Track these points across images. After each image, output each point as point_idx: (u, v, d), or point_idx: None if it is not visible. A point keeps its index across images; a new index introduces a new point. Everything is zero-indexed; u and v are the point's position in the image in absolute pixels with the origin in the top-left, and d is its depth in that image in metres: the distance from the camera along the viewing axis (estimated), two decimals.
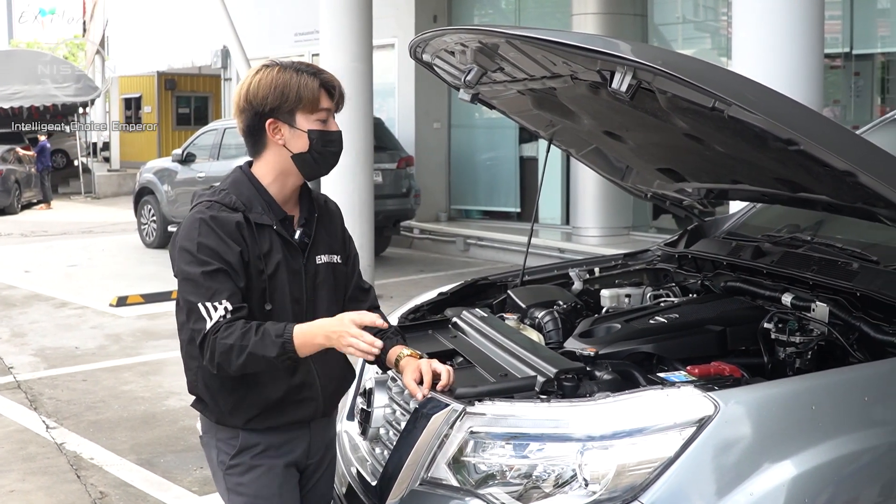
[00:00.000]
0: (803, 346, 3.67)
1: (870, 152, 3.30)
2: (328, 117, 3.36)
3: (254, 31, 21.04)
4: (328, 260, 3.48)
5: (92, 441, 7.28)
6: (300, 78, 3.31)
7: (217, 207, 3.25)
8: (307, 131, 3.31)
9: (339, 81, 3.43)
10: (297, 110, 3.29)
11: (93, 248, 18.32)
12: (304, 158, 3.33)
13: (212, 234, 3.19)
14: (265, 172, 3.37)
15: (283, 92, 3.28)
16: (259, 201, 3.32)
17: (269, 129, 3.31)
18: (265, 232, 3.29)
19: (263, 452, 3.38)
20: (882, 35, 14.18)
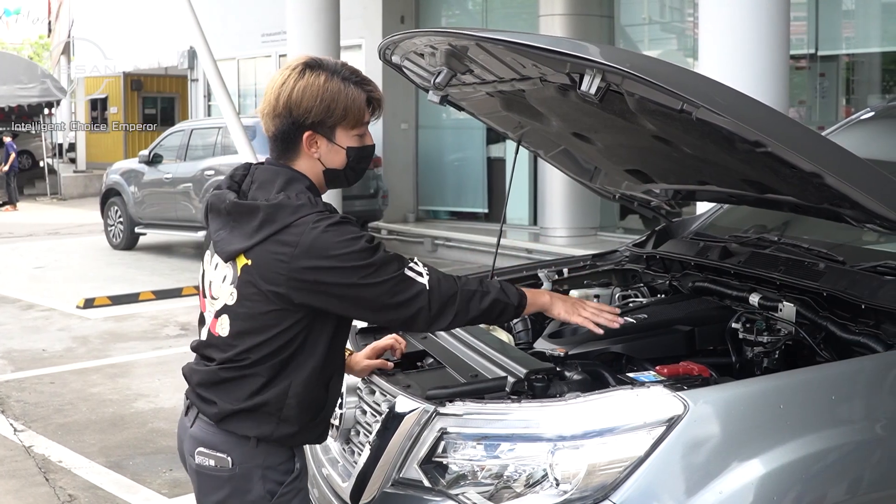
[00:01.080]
0: (771, 346, 3.70)
1: (835, 154, 3.33)
2: (366, 132, 3.17)
3: (221, 32, 20.99)
4: None
5: (60, 444, 7.25)
6: (348, 90, 3.06)
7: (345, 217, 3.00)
8: (346, 148, 3.11)
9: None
10: (339, 125, 3.07)
11: (59, 250, 18.22)
12: (336, 174, 3.15)
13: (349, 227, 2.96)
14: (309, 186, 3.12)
15: (329, 106, 3.03)
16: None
17: (307, 141, 3.07)
18: None
19: (302, 474, 3.20)
20: (847, 36, 14.28)
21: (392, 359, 3.78)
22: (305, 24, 12.55)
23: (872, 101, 13.32)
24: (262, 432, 3.06)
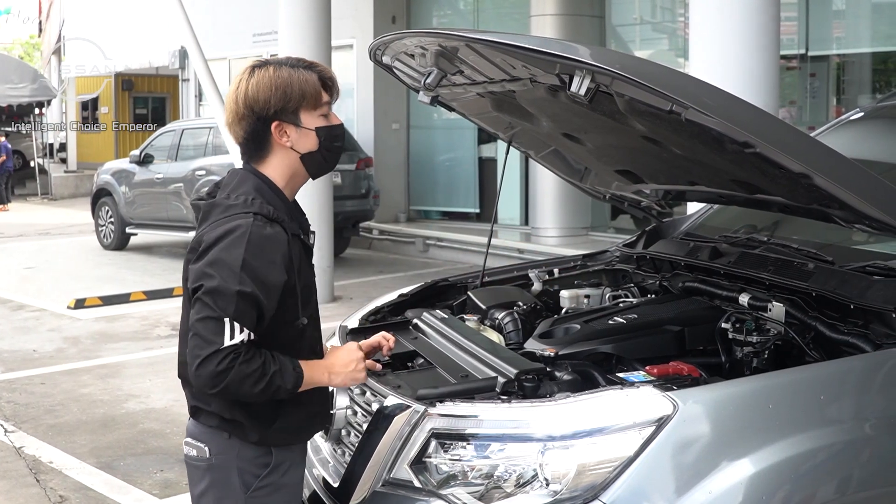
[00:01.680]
0: (760, 346, 3.71)
1: (824, 155, 3.34)
2: (329, 111, 3.22)
3: (212, 32, 20.95)
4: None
5: (51, 445, 7.23)
6: (298, 74, 3.14)
7: (262, 221, 3.04)
8: (315, 129, 3.17)
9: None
10: (301, 109, 3.14)
11: (50, 250, 18.18)
12: (313, 157, 3.21)
13: (260, 255, 2.99)
14: (276, 177, 3.20)
15: (285, 92, 3.11)
16: (283, 209, 3.16)
17: (276, 132, 3.14)
18: (296, 242, 3.15)
19: (290, 469, 3.25)
20: (837, 36, 14.30)
21: (382, 359, 3.79)
22: (297, 24, 12.53)
23: (863, 102, 13.35)
24: (236, 431, 3.14)
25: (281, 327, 3.10)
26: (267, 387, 2.97)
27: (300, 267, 3.13)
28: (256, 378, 2.95)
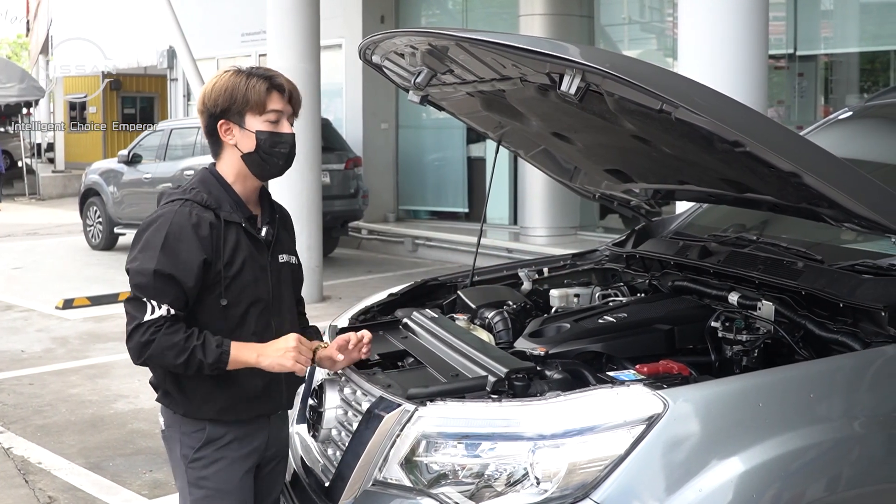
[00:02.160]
0: (750, 345, 3.72)
1: (814, 154, 3.35)
2: (279, 119, 3.47)
3: (200, 32, 20.95)
4: (288, 259, 3.64)
5: (39, 445, 7.22)
6: (249, 81, 3.42)
7: (191, 206, 3.37)
8: (255, 132, 3.43)
9: (296, 86, 3.55)
10: (246, 112, 3.42)
11: (38, 251, 18.14)
12: (252, 158, 3.46)
13: (181, 236, 3.31)
14: (226, 172, 3.50)
15: (231, 94, 3.41)
16: (227, 200, 3.45)
17: (221, 129, 3.46)
18: (233, 229, 3.41)
19: (228, 445, 3.47)
20: (825, 36, 14.33)
21: (373, 359, 3.81)
22: (285, 23, 12.53)
23: (851, 101, 13.38)
24: (168, 402, 3.51)
25: (206, 305, 3.38)
26: (188, 360, 3.26)
27: (233, 252, 3.39)
28: (178, 350, 3.25)
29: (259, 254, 3.48)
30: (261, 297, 3.48)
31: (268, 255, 3.52)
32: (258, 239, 3.50)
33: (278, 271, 3.57)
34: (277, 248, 3.59)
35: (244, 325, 3.44)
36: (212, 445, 3.46)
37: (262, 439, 3.57)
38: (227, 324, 3.40)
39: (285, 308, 3.59)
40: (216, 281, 3.37)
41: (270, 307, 3.51)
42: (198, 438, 3.46)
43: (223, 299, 3.38)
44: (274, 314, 3.52)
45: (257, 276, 3.46)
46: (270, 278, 3.52)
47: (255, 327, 3.45)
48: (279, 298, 3.56)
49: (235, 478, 3.49)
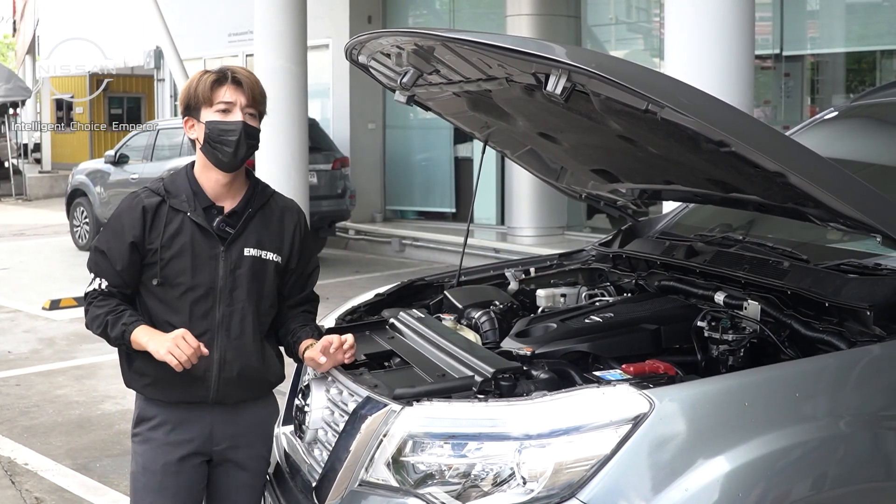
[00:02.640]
0: (736, 344, 3.72)
1: (799, 153, 3.36)
2: (230, 109, 3.63)
3: (187, 32, 20.93)
4: (258, 254, 3.69)
5: (26, 446, 7.21)
6: (202, 77, 3.67)
7: (142, 192, 3.70)
8: (205, 122, 3.63)
9: (253, 79, 3.71)
10: (201, 106, 3.64)
11: (24, 251, 18.09)
12: (206, 149, 3.66)
13: (118, 220, 3.67)
14: (197, 166, 3.74)
15: (188, 92, 3.67)
16: (187, 190, 3.68)
17: (186, 126, 3.72)
18: (179, 217, 3.63)
19: (157, 427, 3.70)
20: (812, 36, 14.37)
21: (359, 359, 3.82)
22: (272, 24, 12.52)
23: (837, 101, 13.41)
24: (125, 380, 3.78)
25: (144, 283, 3.66)
26: (102, 332, 3.63)
27: (173, 237, 3.61)
28: (99, 322, 3.63)
29: (207, 242, 3.63)
30: (200, 284, 3.62)
31: (220, 246, 3.64)
32: (206, 229, 3.64)
33: (235, 263, 3.65)
34: (242, 241, 3.67)
35: (180, 309, 3.63)
36: (144, 424, 3.72)
37: (198, 431, 3.69)
38: (164, 305, 3.64)
39: (242, 299, 3.66)
40: (153, 261, 3.61)
41: (216, 295, 3.64)
42: (136, 416, 3.76)
43: (156, 279, 3.61)
44: (221, 302, 3.64)
45: (199, 264, 3.62)
46: (221, 268, 3.64)
47: (193, 313, 3.62)
48: (231, 289, 3.65)
49: (159, 462, 3.67)
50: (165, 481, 3.67)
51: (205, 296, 3.62)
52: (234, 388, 3.68)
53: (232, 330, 3.65)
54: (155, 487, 3.68)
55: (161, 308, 3.64)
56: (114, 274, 3.63)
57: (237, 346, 3.65)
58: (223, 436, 3.72)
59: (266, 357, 3.76)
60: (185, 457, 3.68)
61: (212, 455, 3.73)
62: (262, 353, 3.74)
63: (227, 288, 3.64)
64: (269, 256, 3.72)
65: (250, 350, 3.68)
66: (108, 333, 3.61)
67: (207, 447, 3.71)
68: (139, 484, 3.73)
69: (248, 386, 3.73)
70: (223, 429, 3.72)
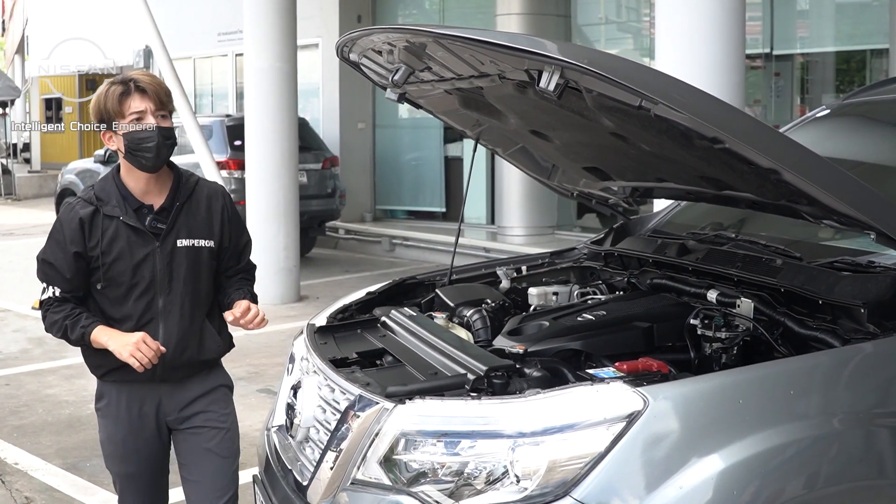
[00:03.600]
0: (729, 342, 3.71)
1: (793, 150, 3.35)
2: (142, 117, 3.85)
3: (177, 31, 20.86)
4: (190, 244, 3.96)
5: (16, 446, 7.19)
6: (108, 90, 3.86)
7: (76, 203, 3.93)
8: (122, 135, 3.85)
9: (156, 81, 3.95)
10: (114, 119, 3.85)
11: (14, 251, 18.04)
12: (128, 158, 3.88)
13: (59, 231, 3.91)
14: (123, 170, 3.96)
15: (98, 107, 3.88)
16: (116, 195, 3.90)
17: (104, 138, 3.94)
18: (112, 222, 3.87)
19: (114, 404, 4.06)
20: (801, 36, 14.39)
21: (351, 357, 3.88)
22: (262, 23, 12.50)
23: (827, 101, 13.43)
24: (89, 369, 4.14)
25: (91, 287, 3.93)
26: (63, 335, 3.91)
27: (111, 242, 3.85)
28: (58, 327, 3.91)
29: (142, 241, 3.89)
30: (142, 279, 3.90)
31: (155, 242, 3.90)
32: (141, 229, 3.89)
33: (170, 255, 3.92)
34: (174, 235, 3.93)
35: (125, 303, 3.91)
36: (103, 400, 4.10)
37: (150, 405, 4.06)
38: (110, 302, 3.93)
39: (180, 288, 3.94)
40: (97, 266, 3.87)
41: (156, 287, 3.92)
42: (97, 393, 4.15)
43: (100, 283, 3.90)
44: (161, 293, 3.92)
45: (139, 261, 3.88)
46: (158, 262, 3.90)
47: (136, 305, 3.91)
48: (170, 279, 3.93)
49: (120, 434, 4.06)
50: (127, 450, 4.09)
51: (146, 290, 3.92)
52: (176, 369, 4.01)
53: (172, 316, 3.95)
54: (119, 455, 4.12)
55: (108, 304, 3.93)
56: (64, 281, 3.90)
57: (178, 331, 3.96)
58: (172, 407, 4.09)
59: (204, 339, 4.07)
60: (140, 427, 4.07)
61: (167, 424, 4.12)
62: (201, 336, 4.05)
63: (166, 279, 3.93)
64: (201, 244, 3.99)
65: (189, 334, 4.00)
66: (69, 336, 3.90)
67: (161, 417, 4.09)
68: (106, 451, 4.17)
69: (188, 366, 4.05)
70: (170, 401, 4.08)
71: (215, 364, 4.20)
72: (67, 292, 3.91)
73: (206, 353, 4.09)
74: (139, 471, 4.15)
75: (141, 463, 4.13)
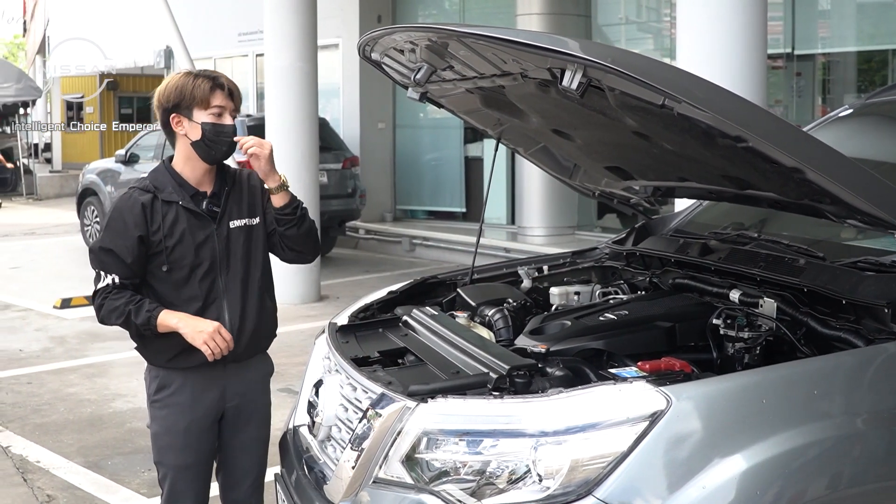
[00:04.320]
0: (752, 342, 3.70)
1: (816, 149, 3.34)
2: (222, 113, 4.09)
3: (197, 31, 20.90)
4: (241, 224, 4.19)
5: (38, 444, 7.21)
6: (196, 81, 4.06)
7: (133, 192, 4.11)
8: (201, 123, 4.05)
9: (236, 85, 4.19)
10: (193, 106, 4.06)
11: (35, 250, 18.13)
12: (199, 145, 4.08)
13: (118, 219, 4.06)
14: (177, 159, 4.18)
15: (181, 91, 4.06)
16: (171, 183, 4.12)
17: (173, 121, 4.11)
18: (172, 207, 4.07)
19: (178, 393, 4.15)
20: (823, 36, 14.33)
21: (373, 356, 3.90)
22: (282, 23, 12.51)
23: (848, 101, 13.35)
24: (139, 351, 4.26)
25: (151, 271, 4.08)
26: (126, 321, 4.01)
27: (172, 226, 4.05)
28: (119, 313, 4.01)
29: (201, 224, 4.10)
30: (203, 260, 4.09)
31: (213, 224, 4.12)
32: (198, 212, 4.11)
33: (227, 236, 4.14)
34: (227, 217, 4.16)
35: (189, 285, 4.08)
36: (164, 391, 4.17)
37: (216, 391, 4.18)
38: (172, 285, 4.08)
39: (238, 266, 4.15)
40: (159, 251, 4.04)
41: (217, 268, 4.12)
42: (155, 383, 4.20)
43: (165, 266, 4.05)
44: (221, 273, 4.12)
45: (200, 243, 4.09)
46: (217, 243, 4.12)
47: (201, 286, 4.09)
48: (228, 260, 4.13)
49: (183, 423, 4.15)
50: (188, 440, 4.16)
51: (208, 271, 4.10)
52: (243, 345, 4.15)
53: (233, 295, 4.14)
54: (179, 446, 4.18)
55: (170, 289, 4.07)
56: (124, 268, 4.02)
57: (239, 308, 4.14)
58: (234, 392, 4.21)
59: (263, 316, 4.25)
60: (202, 416, 4.17)
61: (224, 411, 4.22)
62: (260, 313, 4.22)
63: (225, 260, 4.13)
64: (252, 222, 4.22)
65: (250, 311, 4.18)
66: (132, 321, 3.98)
67: (221, 405, 4.20)
68: (162, 443, 4.22)
69: (254, 341, 4.21)
70: (233, 386, 4.20)
71: (268, 345, 4.37)
72: (126, 279, 4.03)
73: (266, 329, 4.29)
74: (196, 461, 4.22)
75: (199, 453, 4.22)
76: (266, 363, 4.41)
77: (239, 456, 4.33)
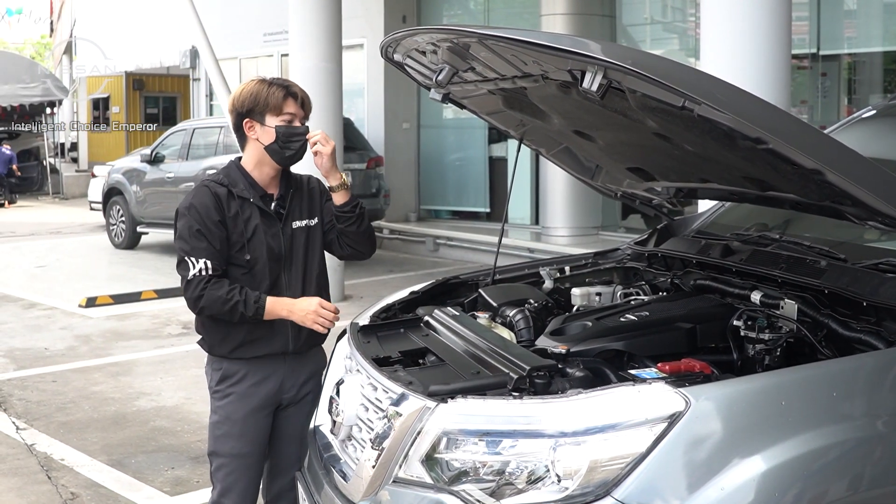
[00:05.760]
0: (772, 343, 3.69)
1: (838, 151, 3.33)
2: (293, 120, 4.28)
3: (222, 32, 20.97)
4: (302, 224, 4.39)
5: (62, 442, 7.26)
6: (270, 89, 4.26)
7: (209, 184, 4.27)
8: (274, 127, 4.24)
9: (307, 94, 4.38)
10: (266, 112, 4.25)
11: (61, 249, 18.22)
12: (272, 149, 4.27)
13: (195, 211, 4.18)
14: (247, 161, 4.35)
15: (255, 98, 4.26)
16: (243, 181, 4.30)
17: (246, 126, 4.30)
18: (246, 203, 4.26)
19: (239, 382, 4.31)
20: (848, 36, 14.28)
21: (394, 357, 3.89)
22: (307, 23, 12.53)
23: (874, 101, 13.31)
24: (201, 342, 4.41)
25: (233, 261, 4.22)
26: (232, 310, 4.12)
27: (248, 219, 4.25)
28: (223, 302, 4.12)
29: (270, 223, 4.30)
30: (272, 255, 4.28)
31: (279, 224, 4.32)
32: (268, 211, 4.31)
33: (291, 235, 4.35)
34: (291, 217, 4.37)
35: (263, 277, 4.26)
36: (226, 381, 4.33)
37: (275, 381, 4.36)
38: (249, 276, 4.24)
39: (299, 263, 4.37)
40: (240, 241, 4.21)
41: (283, 263, 4.32)
42: (217, 374, 4.35)
43: (248, 254, 4.23)
44: (285, 269, 4.33)
45: (270, 239, 4.28)
46: (283, 241, 4.32)
47: (270, 279, 4.27)
48: (291, 256, 4.34)
49: (242, 411, 4.31)
50: (246, 428, 4.33)
51: (275, 266, 4.29)
52: (303, 338, 4.34)
53: (296, 288, 4.32)
54: (236, 434, 4.33)
55: (247, 280, 4.23)
56: (214, 253, 4.17)
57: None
58: (292, 383, 4.39)
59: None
60: (261, 405, 4.34)
61: (281, 401, 4.40)
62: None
63: (288, 257, 4.33)
64: (312, 223, 4.42)
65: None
66: (239, 310, 4.12)
67: (279, 395, 4.38)
68: (220, 432, 4.37)
69: (312, 334, 4.34)
70: (292, 377, 4.39)
71: (324, 340, 4.50)
72: (218, 264, 4.17)
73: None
74: (251, 451, 4.36)
75: (254, 444, 4.36)
76: (321, 356, 4.56)
77: (287, 446, 4.47)
